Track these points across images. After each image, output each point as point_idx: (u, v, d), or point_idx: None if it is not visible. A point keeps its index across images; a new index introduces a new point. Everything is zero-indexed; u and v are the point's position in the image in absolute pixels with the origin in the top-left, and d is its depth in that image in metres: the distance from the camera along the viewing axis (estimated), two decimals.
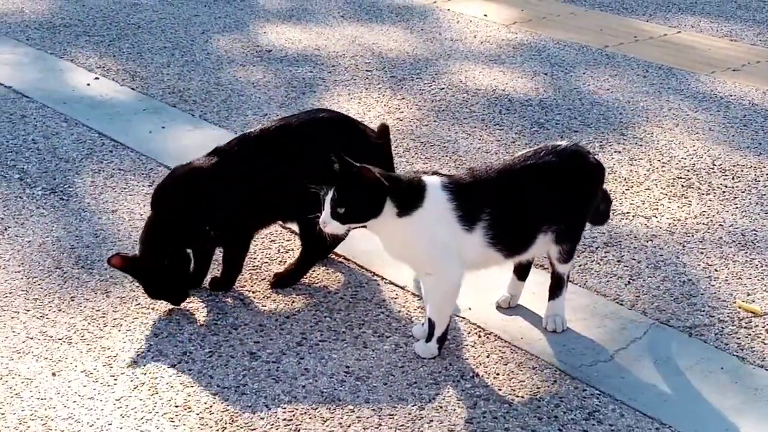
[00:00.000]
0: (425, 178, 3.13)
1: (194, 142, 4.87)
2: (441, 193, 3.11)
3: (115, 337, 3.37)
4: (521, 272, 3.49)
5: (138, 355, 3.28)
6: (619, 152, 4.78)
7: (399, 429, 2.94)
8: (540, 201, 3.22)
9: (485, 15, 6.98)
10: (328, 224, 3.01)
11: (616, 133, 5.00)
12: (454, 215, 3.10)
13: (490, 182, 3.18)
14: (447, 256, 3.10)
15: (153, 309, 3.52)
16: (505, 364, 3.23)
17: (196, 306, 3.54)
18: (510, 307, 3.52)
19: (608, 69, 5.92)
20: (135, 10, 7.04)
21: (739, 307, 3.55)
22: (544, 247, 3.30)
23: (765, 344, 3.34)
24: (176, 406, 3.04)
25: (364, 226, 3.07)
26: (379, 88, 5.60)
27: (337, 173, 3.00)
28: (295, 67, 5.95)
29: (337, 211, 2.98)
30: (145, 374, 3.18)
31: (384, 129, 3.64)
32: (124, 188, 4.42)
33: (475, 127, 5.05)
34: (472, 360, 3.24)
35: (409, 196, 3.07)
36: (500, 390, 3.11)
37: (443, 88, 5.59)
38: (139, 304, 3.55)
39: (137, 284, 3.59)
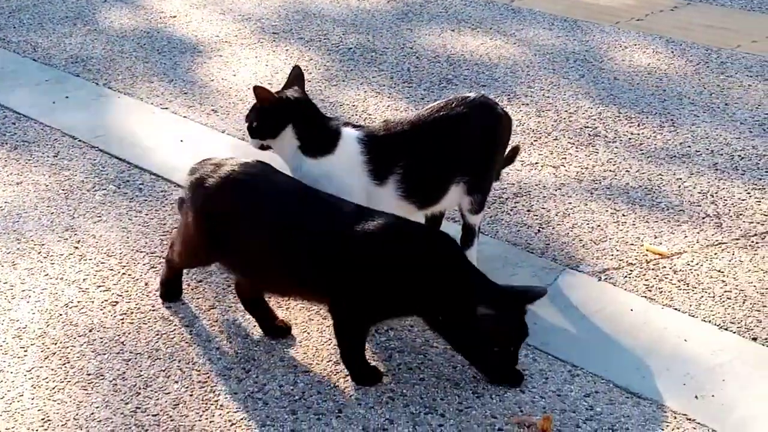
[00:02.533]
0: (342, 128, 3.18)
1: (99, 110, 4.80)
2: (355, 145, 3.13)
3: (23, 309, 3.31)
4: (432, 225, 3.51)
5: (48, 325, 3.23)
6: (527, 104, 4.82)
7: (315, 385, 2.94)
8: (451, 152, 3.23)
9: None
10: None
11: (524, 86, 5.03)
12: (366, 168, 3.12)
13: (402, 135, 3.20)
14: None
15: (62, 279, 3.47)
16: None
17: (106, 274, 3.50)
18: None
19: (514, 23, 5.94)
20: None
21: (647, 250, 3.61)
22: (456, 198, 3.31)
23: (672, 284, 3.40)
24: (88, 374, 3.00)
25: (270, 147, 3.27)
26: (287, 50, 5.56)
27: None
28: (201, 31, 5.87)
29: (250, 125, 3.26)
30: (55, 344, 3.14)
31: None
32: (29, 160, 4.34)
33: (384, 85, 5.05)
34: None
35: (321, 140, 3.16)
36: (414, 342, 3.13)
37: (351, 48, 5.57)
38: (47, 275, 3.50)
39: (45, 255, 3.54)
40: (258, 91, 3.21)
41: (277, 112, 3.21)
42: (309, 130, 3.20)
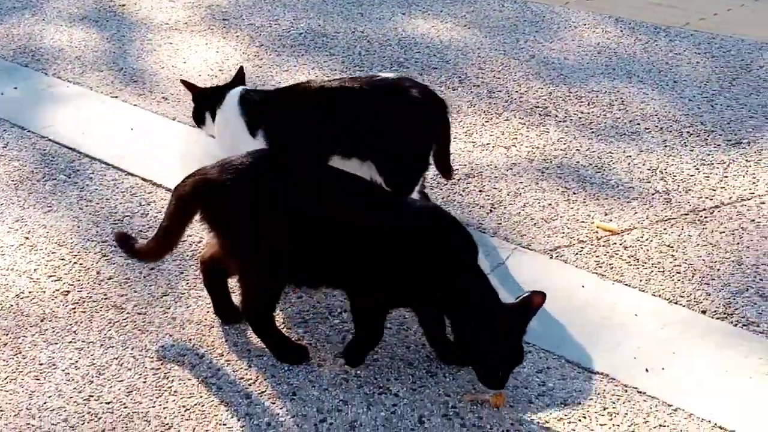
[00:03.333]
0: (232, 90, 3.53)
1: (48, 100, 4.76)
2: (234, 101, 3.48)
3: None
4: None
5: None
6: (478, 86, 4.83)
7: (269, 368, 2.95)
8: (330, 123, 3.31)
9: None
10: None
11: (474, 68, 5.05)
12: (242, 121, 3.44)
13: (280, 96, 3.49)
14: None
15: (12, 270, 3.44)
16: None
17: (56, 264, 3.48)
18: None
19: (465, 6, 5.95)
20: None
21: (598, 227, 3.64)
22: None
23: (623, 260, 3.44)
24: (41, 364, 2.99)
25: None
26: (237, 36, 5.54)
27: None
28: (150, 20, 5.84)
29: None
30: (7, 335, 3.12)
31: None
32: None
33: (335, 70, 5.04)
34: (338, 298, 3.25)
35: (215, 100, 3.56)
36: None
37: (302, 33, 5.56)
38: None
39: None
40: (183, 84, 3.73)
41: (199, 103, 3.68)
42: (212, 101, 3.59)
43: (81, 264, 3.48)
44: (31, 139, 4.41)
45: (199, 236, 3.56)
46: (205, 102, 3.64)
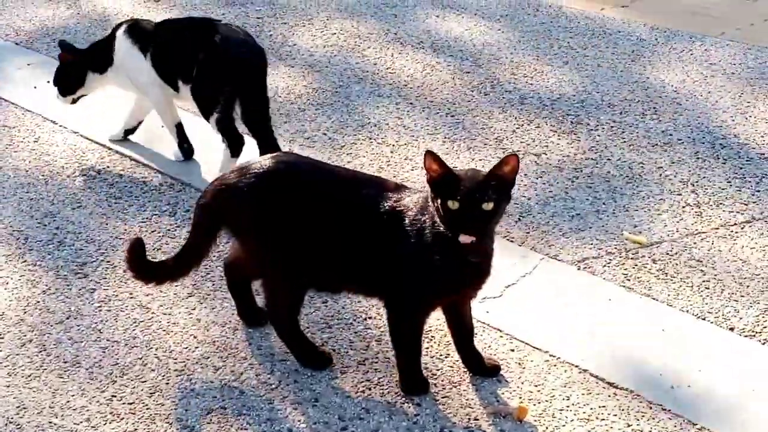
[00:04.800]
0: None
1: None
2: (123, 34, 4.14)
3: (1, 296, 3.31)
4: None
5: (25, 312, 3.22)
6: (510, 92, 4.81)
7: (291, 374, 2.94)
8: (176, 55, 4.00)
9: None
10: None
11: (507, 73, 5.02)
12: (134, 47, 4.10)
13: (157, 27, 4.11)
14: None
15: (40, 266, 3.46)
16: None
17: (83, 261, 3.49)
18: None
19: (499, 9, 5.93)
20: None
21: (627, 239, 3.61)
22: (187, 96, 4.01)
23: (651, 274, 3.41)
24: (65, 362, 3.00)
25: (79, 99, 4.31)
26: (270, 35, 5.54)
27: None
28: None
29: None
30: (32, 331, 3.13)
31: None
32: (9, 145, 4.33)
33: (367, 72, 5.03)
34: (363, 304, 3.24)
35: (104, 51, 4.19)
36: None
37: (335, 33, 5.55)
38: (24, 261, 3.49)
39: (23, 241, 3.54)
40: (62, 48, 4.28)
41: (81, 64, 4.24)
42: (97, 53, 4.23)
43: (108, 261, 3.49)
44: (62, 134, 4.42)
45: (224, 238, 3.56)
46: (89, 61, 4.22)
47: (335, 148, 4.27)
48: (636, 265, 3.46)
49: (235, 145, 3.94)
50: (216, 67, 3.89)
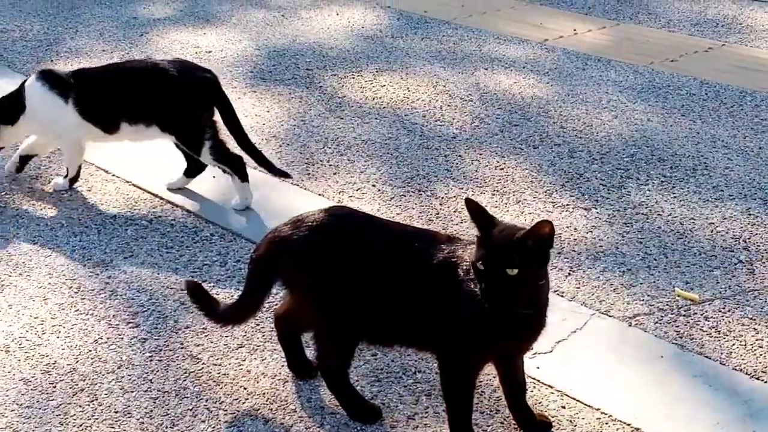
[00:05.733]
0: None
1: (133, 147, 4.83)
2: (35, 80, 4.26)
3: (53, 344, 3.34)
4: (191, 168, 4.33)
5: (77, 361, 3.25)
6: (559, 145, 4.81)
7: (341, 427, 2.94)
8: (119, 95, 4.15)
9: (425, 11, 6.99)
10: None
11: (556, 126, 5.03)
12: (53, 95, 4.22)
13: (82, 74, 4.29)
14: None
15: (92, 315, 3.49)
16: None
17: (135, 310, 3.52)
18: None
19: (548, 62, 5.95)
20: None
21: (678, 295, 3.58)
22: (139, 135, 4.23)
23: (703, 331, 3.38)
24: (116, 412, 3.01)
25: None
26: (320, 86, 5.59)
27: None
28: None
29: None
30: (84, 380, 3.15)
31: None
32: (63, 194, 4.38)
33: (416, 123, 5.06)
34: (413, 357, 3.24)
35: (13, 102, 4.29)
36: None
37: (384, 86, 5.59)
38: (77, 310, 3.52)
39: (76, 290, 3.58)
40: None
41: None
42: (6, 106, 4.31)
43: (159, 311, 3.51)
44: (115, 183, 4.48)
45: (275, 290, 3.57)
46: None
47: (384, 200, 4.28)
48: (688, 323, 3.43)
49: (238, 169, 4.15)
50: (185, 98, 4.11)
